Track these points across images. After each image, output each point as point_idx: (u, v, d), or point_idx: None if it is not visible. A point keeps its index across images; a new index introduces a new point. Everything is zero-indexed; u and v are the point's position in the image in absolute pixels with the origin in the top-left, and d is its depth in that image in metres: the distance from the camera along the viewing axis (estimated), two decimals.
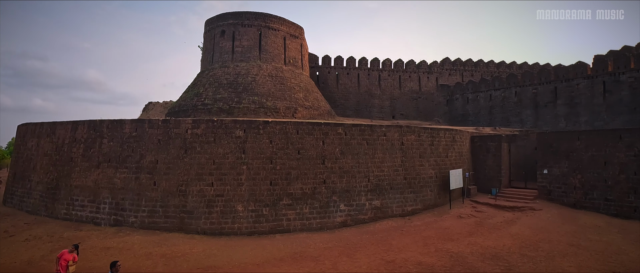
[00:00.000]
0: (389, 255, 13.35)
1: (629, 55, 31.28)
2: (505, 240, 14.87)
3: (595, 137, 19.95)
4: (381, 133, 19.67)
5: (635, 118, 29.42)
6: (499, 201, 21.50)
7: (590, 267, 11.95)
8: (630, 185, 18.14)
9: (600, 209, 18.96)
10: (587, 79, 32.76)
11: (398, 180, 19.76)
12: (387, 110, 43.81)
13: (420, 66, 45.49)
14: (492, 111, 39.82)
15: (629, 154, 18.36)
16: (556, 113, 34.46)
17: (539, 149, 22.16)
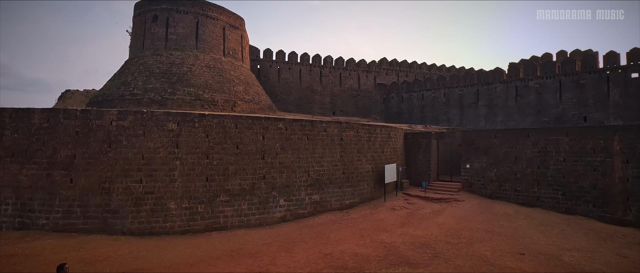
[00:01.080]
0: (327, 248, 13.63)
1: (535, 64, 35.60)
2: (433, 230, 16.05)
3: (508, 135, 22.42)
4: (321, 128, 19.94)
5: (539, 119, 33.62)
6: (428, 193, 23.14)
7: (502, 250, 13.43)
8: (535, 178, 20.73)
9: (510, 199, 21.39)
10: (503, 84, 36.63)
11: (337, 175, 20.23)
12: (327, 106, 44.59)
13: (360, 64, 47.00)
14: (424, 110, 42.66)
15: (534, 151, 20.95)
16: (478, 113, 38.03)
17: (463, 146, 24.26)
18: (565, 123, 31.67)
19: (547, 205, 20.06)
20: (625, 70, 29.91)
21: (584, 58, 32.93)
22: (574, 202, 19.35)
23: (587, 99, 31.44)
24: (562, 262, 12.40)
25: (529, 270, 11.53)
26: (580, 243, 14.70)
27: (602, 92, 30.69)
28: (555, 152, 20.25)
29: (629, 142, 18.05)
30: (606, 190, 18.45)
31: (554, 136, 20.53)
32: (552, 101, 33.22)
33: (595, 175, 18.87)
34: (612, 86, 30.28)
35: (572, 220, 18.05)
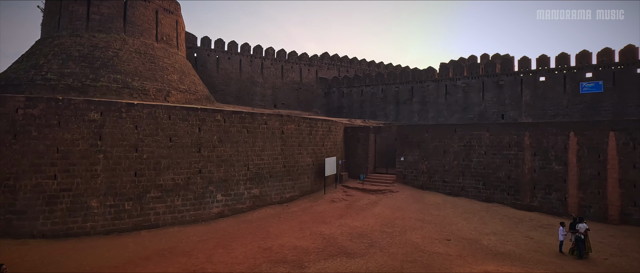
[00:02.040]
0: (266, 242, 13.45)
1: (463, 65, 38.69)
2: (369, 220, 16.70)
3: (438, 130, 24.11)
4: (262, 121, 19.55)
5: (465, 116, 36.70)
6: (366, 185, 24.02)
7: (431, 237, 14.44)
8: (460, 169, 22.60)
9: (439, 189, 23.08)
10: (435, 82, 39.26)
11: (278, 168, 20.04)
12: (269, 99, 43.92)
13: (302, 58, 46.97)
14: (363, 105, 44.10)
15: (460, 145, 22.82)
16: (412, 109, 40.34)
17: (398, 140, 25.56)
18: (487, 119, 34.97)
19: (470, 194, 22.01)
20: (535, 74, 33.84)
21: (503, 62, 36.57)
22: (492, 191, 21.49)
23: (504, 98, 35.01)
24: (482, 245, 13.70)
25: (454, 254, 12.53)
26: (496, 227, 16.38)
27: (517, 93, 34.42)
28: (478, 146, 22.25)
29: (537, 137, 20.49)
30: (518, 179, 20.78)
31: (477, 131, 22.53)
32: (476, 100, 36.43)
33: (509, 167, 21.13)
34: (524, 87, 34.09)
35: (491, 207, 20.04)
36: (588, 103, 31.09)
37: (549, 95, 32.85)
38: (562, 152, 19.71)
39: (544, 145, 20.25)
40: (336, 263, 11.46)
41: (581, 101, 31.42)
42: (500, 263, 11.72)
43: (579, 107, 31.45)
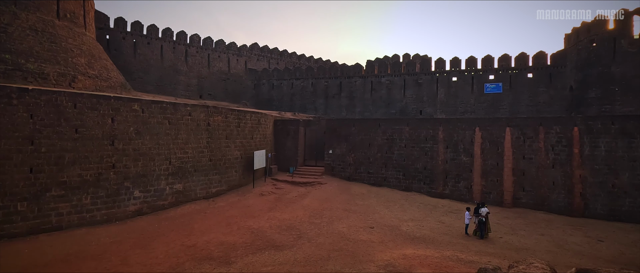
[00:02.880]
0: (190, 239, 12.79)
1: (387, 63, 41.03)
2: (298, 212, 16.88)
3: (364, 124, 25.28)
4: (186, 112, 18.42)
5: (389, 111, 39.06)
6: (295, 178, 24.19)
7: (356, 226, 15.15)
8: (383, 161, 24.04)
9: (365, 180, 24.28)
10: (362, 78, 41.01)
11: (203, 162, 19.12)
12: (194, 89, 41.52)
13: (230, 47, 45.24)
14: (293, 98, 44.20)
15: (384, 138, 24.24)
16: (340, 104, 41.63)
17: (327, 133, 26.20)
18: (407, 115, 37.65)
19: (392, 184, 23.56)
20: (448, 74, 37.33)
21: (422, 62, 39.63)
22: (411, 181, 23.27)
23: (423, 96, 38.03)
24: (401, 231, 14.79)
25: (376, 240, 13.32)
26: (414, 214, 17.81)
27: (433, 91, 37.63)
28: (399, 139, 23.86)
29: (449, 132, 22.69)
30: (433, 170, 22.83)
31: (399, 125, 24.14)
32: (398, 96, 38.97)
33: (426, 158, 23.08)
34: (439, 86, 37.42)
35: (409, 196, 21.70)
36: (490, 102, 35.33)
37: (459, 94, 36.54)
38: (469, 145, 22.13)
39: (455, 139, 22.51)
40: (264, 257, 11.38)
41: (485, 100, 35.57)
42: (417, 246, 12.78)
43: (483, 105, 35.57)
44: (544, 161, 20.47)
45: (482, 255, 12.06)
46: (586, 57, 29.81)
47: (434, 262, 10.85)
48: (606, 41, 28.41)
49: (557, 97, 33.03)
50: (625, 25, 27.82)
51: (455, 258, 11.39)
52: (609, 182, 19.08)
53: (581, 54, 30.38)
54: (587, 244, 14.88)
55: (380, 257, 11.41)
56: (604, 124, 19.55)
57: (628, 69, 27.41)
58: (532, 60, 34.33)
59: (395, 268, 10.35)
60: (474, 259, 11.33)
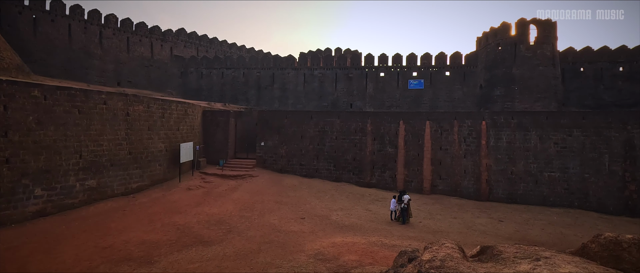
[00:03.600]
0: (106, 240, 11.69)
1: (320, 56, 41.64)
2: (228, 206, 16.43)
3: (297, 116, 25.42)
4: (100, 100, 16.63)
5: (321, 104, 39.78)
6: (225, 171, 23.45)
7: (288, 217, 15.26)
8: (315, 153, 24.50)
9: (297, 172, 24.51)
10: (295, 70, 41.04)
11: (121, 155, 17.51)
12: (111, 75, 37.58)
13: (154, 31, 41.78)
14: (224, 88, 42.57)
15: (316, 130, 24.67)
16: (273, 95, 41.22)
17: (259, 125, 25.80)
18: (339, 108, 38.74)
19: (323, 175, 24.15)
20: (377, 70, 39.19)
21: (353, 56, 40.98)
22: (341, 172, 24.09)
23: (353, 89, 39.42)
24: (331, 220, 15.28)
25: (307, 230, 13.57)
26: (343, 203, 18.51)
27: (363, 85, 39.22)
28: (330, 132, 24.49)
29: (376, 125, 23.91)
30: (361, 160, 23.90)
31: (330, 118, 24.74)
32: (330, 89, 39.86)
33: (355, 150, 24.05)
34: (368, 81, 39.12)
35: (339, 186, 22.47)
36: (413, 97, 37.99)
37: (386, 89, 38.64)
38: (394, 137, 23.59)
39: (382, 131, 23.82)
40: (191, 253, 10.88)
41: (409, 95, 38.14)
42: (345, 234, 13.33)
43: (407, 100, 38.11)
44: (457, 151, 22.71)
45: (404, 239, 13.03)
46: (493, 59, 33.60)
47: (361, 248, 11.42)
48: (509, 46, 32.32)
49: (469, 94, 36.74)
50: (524, 33, 31.92)
51: (380, 244, 12.12)
52: (508, 170, 21.90)
53: (489, 56, 34.15)
54: (490, 224, 16.96)
55: (310, 246, 11.65)
56: (506, 119, 22.32)
57: (525, 71, 31.57)
58: (450, 59, 37.64)
59: (324, 256, 10.67)
60: (397, 243, 12.19)
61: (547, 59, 31.61)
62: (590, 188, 20.61)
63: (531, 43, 31.73)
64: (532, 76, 31.35)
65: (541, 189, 21.28)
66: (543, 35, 31.66)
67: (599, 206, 20.25)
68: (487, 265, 3.36)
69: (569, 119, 21.44)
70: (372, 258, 10.24)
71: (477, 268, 3.20)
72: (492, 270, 3.09)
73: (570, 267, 2.78)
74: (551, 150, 21.29)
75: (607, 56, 34.05)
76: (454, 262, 3.32)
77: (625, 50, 33.84)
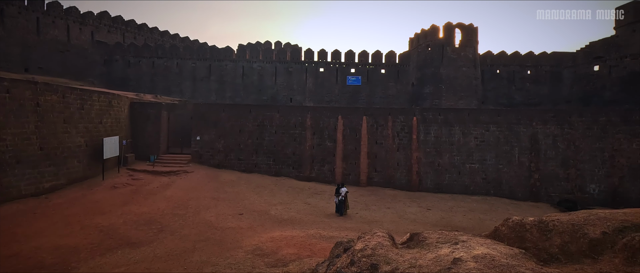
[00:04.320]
0: (11, 247, 10.27)
1: (259, 49, 40.86)
2: (160, 204, 15.45)
3: (235, 110, 24.70)
4: (2, 88, 14.46)
5: (260, 97, 39.11)
6: (157, 167, 21.98)
7: (225, 213, 14.82)
8: (254, 147, 24.06)
9: (235, 167, 23.87)
10: (233, 62, 39.74)
11: (30, 151, 15.46)
12: (16, 60, 32.81)
13: (71, 12, 37.31)
14: (155, 78, 39.71)
15: (255, 124, 24.21)
16: (209, 87, 39.50)
17: (194, 119, 24.58)
18: (278, 102, 38.44)
19: (263, 170, 23.84)
20: (316, 65, 39.60)
21: (293, 51, 40.90)
22: (280, 166, 24.00)
23: (293, 84, 39.38)
24: (270, 215, 15.17)
25: (245, 226, 13.32)
26: (283, 198, 18.49)
27: (302, 80, 39.37)
28: (270, 126, 24.22)
29: (315, 119, 24.21)
30: (301, 155, 24.05)
31: (269, 112, 24.46)
32: (270, 83, 39.36)
33: (295, 144, 24.12)
34: (308, 76, 39.38)
35: (279, 180, 22.39)
36: (351, 93, 39.14)
37: (326, 84, 39.26)
38: (333, 132, 24.10)
39: (321, 126, 24.18)
40: (116, 257, 10.04)
41: (347, 91, 39.20)
42: (284, 228, 13.34)
43: (345, 96, 39.14)
44: (391, 145, 23.95)
45: (341, 230, 13.43)
46: (424, 59, 35.92)
47: (299, 241, 11.53)
48: (437, 47, 34.80)
49: (402, 91, 38.90)
50: (450, 36, 34.59)
51: (318, 236, 12.35)
52: (436, 162, 23.69)
53: (420, 56, 36.44)
54: (419, 213, 18.23)
55: (248, 242, 11.46)
56: (434, 115, 24.06)
57: (451, 71, 34.28)
58: (385, 58, 39.42)
59: (263, 251, 10.57)
60: (334, 234, 12.52)
61: (469, 61, 34.67)
62: (504, 177, 23.17)
63: (456, 46, 34.52)
64: (457, 76, 34.17)
65: (463, 179, 23.39)
66: (466, 39, 34.61)
67: (511, 193, 22.88)
68: (413, 251, 3.60)
69: (487, 116, 23.81)
70: (311, 251, 10.39)
71: (404, 254, 3.41)
72: (417, 255, 3.31)
73: (482, 249, 3.09)
74: (472, 144, 23.48)
75: (518, 60, 38.39)
76: (384, 250, 3.50)
77: (532, 55, 38.45)
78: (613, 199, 21.20)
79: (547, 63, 37.88)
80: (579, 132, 22.26)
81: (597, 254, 4.63)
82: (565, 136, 22.49)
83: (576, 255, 4.77)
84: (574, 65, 35.68)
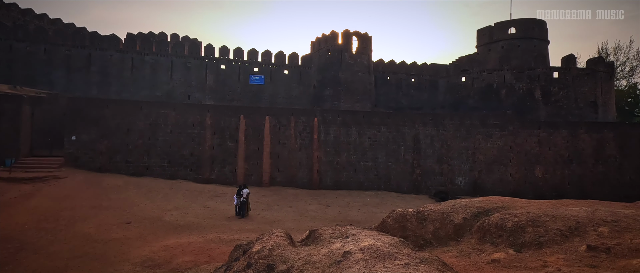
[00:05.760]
0: None
1: (152, 40, 37.27)
2: (19, 217, 12.87)
3: (122, 106, 22.08)
4: None
5: (153, 93, 35.65)
6: (15, 173, 18.24)
7: (109, 223, 13.13)
8: (146, 148, 21.87)
9: (122, 171, 21.30)
10: (120, 53, 35.36)
11: None
12: None
13: None
14: (13, 66, 32.77)
15: (146, 123, 22.01)
16: (90, 80, 34.38)
17: (69, 115, 21.13)
18: (175, 99, 35.60)
19: (156, 173, 21.81)
20: (218, 61, 37.96)
21: (192, 45, 38.44)
22: (177, 168, 22.32)
23: (191, 80, 36.98)
24: (164, 222, 13.99)
25: (134, 236, 12.02)
26: (179, 202, 17.24)
27: (202, 76, 37.29)
28: (165, 125, 22.32)
29: (216, 118, 23.22)
30: (200, 156, 22.77)
31: (164, 110, 22.54)
32: (165, 78, 36.21)
33: (193, 144, 22.71)
34: (209, 72, 37.48)
35: (175, 183, 20.79)
36: (254, 92, 38.64)
37: (228, 82, 37.94)
38: (235, 131, 23.45)
39: (222, 125, 23.29)
40: None
41: (250, 90, 38.56)
42: (180, 235, 12.46)
43: (248, 95, 38.44)
44: (293, 145, 24.45)
45: (242, 233, 13.17)
46: (324, 62, 37.60)
47: (197, 247, 10.92)
48: (337, 52, 36.81)
49: (305, 92, 40.03)
50: (348, 42, 36.94)
51: (217, 240, 11.88)
52: (335, 161, 25.03)
53: (321, 59, 38.04)
54: (320, 210, 19.03)
55: (137, 253, 10.37)
56: (333, 116, 25.39)
57: (348, 75, 36.64)
58: (288, 59, 40.00)
59: (154, 262, 9.70)
60: (235, 237, 12.21)
61: (364, 67, 37.60)
62: (392, 173, 25.77)
63: (353, 52, 37.07)
64: (354, 81, 36.71)
65: (358, 176, 25.26)
66: (362, 46, 37.44)
67: (398, 188, 25.57)
68: (309, 247, 3.76)
69: (379, 118, 26.16)
70: (209, 256, 9.95)
71: (300, 252, 3.54)
72: (312, 251, 3.48)
73: (369, 240, 3.41)
74: (366, 144, 25.51)
75: (405, 69, 43.15)
76: (281, 249, 3.57)
77: (415, 66, 43.65)
78: (474, 189, 25.49)
79: (427, 73, 43.44)
80: (450, 133, 26.14)
81: (460, 236, 5.54)
82: (440, 137, 26.15)
83: (445, 238, 5.63)
84: (447, 76, 41.72)
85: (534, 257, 4.20)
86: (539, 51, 39.14)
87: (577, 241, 4.40)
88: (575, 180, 25.85)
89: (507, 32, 39.97)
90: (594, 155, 26.02)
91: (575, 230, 4.62)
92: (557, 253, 4.17)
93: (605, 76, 35.28)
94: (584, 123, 28.54)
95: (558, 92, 33.59)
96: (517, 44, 39.34)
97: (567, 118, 31.82)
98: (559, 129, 26.46)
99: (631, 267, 3.50)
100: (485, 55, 37.97)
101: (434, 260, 3.03)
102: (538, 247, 4.39)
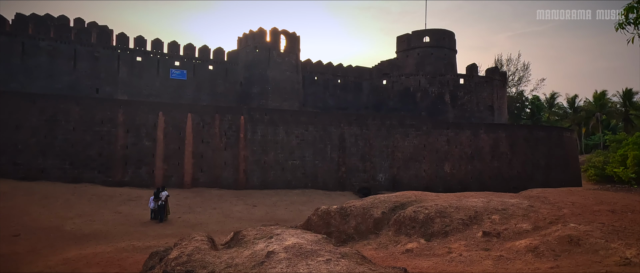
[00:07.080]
0: None
1: (50, 23, 32.46)
2: None
3: (8, 99, 18.83)
4: None
5: (52, 85, 31.09)
6: None
7: None
8: (41, 148, 18.99)
9: (9, 175, 18.19)
10: (8, 37, 30.12)
11: None
12: None
13: None
14: None
15: (42, 119, 19.14)
16: None
17: None
18: (80, 92, 31.50)
19: (54, 177, 19.07)
20: (132, 53, 34.62)
21: (100, 33, 34.38)
22: (81, 170, 19.80)
23: (100, 72, 33.10)
24: (64, 232, 12.29)
25: (24, 250, 10.33)
26: (83, 209, 15.31)
27: (114, 68, 33.64)
28: (66, 121, 19.63)
29: (130, 115, 21.15)
30: (110, 156, 20.52)
31: (65, 104, 19.83)
32: (67, 68, 31.82)
33: (102, 144, 20.37)
34: (121, 64, 33.95)
35: (78, 188, 18.42)
36: (175, 88, 36.11)
37: (144, 75, 34.81)
38: (152, 129, 21.63)
39: (137, 123, 21.30)
40: None
41: (170, 85, 35.93)
42: (85, 245, 11.07)
43: (169, 90, 35.77)
44: (218, 144, 23.44)
45: (160, 239, 12.20)
46: (252, 60, 36.77)
47: (105, 258, 9.80)
48: (265, 50, 36.27)
49: (231, 90, 38.66)
50: (276, 41, 36.66)
51: (130, 248, 10.82)
52: (262, 160, 24.65)
53: (248, 56, 37.13)
54: (246, 210, 18.55)
55: (28, 270, 8.92)
56: (261, 115, 24.97)
57: (277, 74, 36.37)
58: (213, 54, 38.21)
59: None
60: (151, 244, 11.24)
61: (292, 66, 37.69)
62: (319, 171, 26.29)
63: (282, 51, 36.92)
64: (282, 79, 36.58)
65: (286, 175, 25.25)
66: (290, 46, 37.47)
67: (325, 185, 26.17)
68: (231, 250, 3.60)
69: (306, 118, 26.46)
70: (120, 267, 8.99)
71: (222, 255, 3.37)
72: (234, 254, 3.33)
73: (293, 239, 3.38)
74: (294, 142, 25.61)
75: (332, 70, 44.33)
76: (201, 254, 3.36)
77: (341, 67, 45.14)
78: (393, 184, 27.29)
79: (352, 75, 45.24)
80: (373, 132, 27.60)
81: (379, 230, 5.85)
82: (364, 136, 27.46)
83: (365, 233, 5.89)
84: (371, 78, 43.99)
85: (441, 245, 4.63)
86: (448, 59, 43.50)
87: (475, 228, 4.97)
88: (477, 174, 29.30)
89: (423, 41, 43.60)
90: (491, 152, 29.80)
91: (474, 219, 5.22)
92: (459, 240, 4.66)
93: (500, 84, 40.71)
94: (483, 124, 32.51)
95: (463, 96, 37.74)
96: (430, 52, 43.16)
97: (470, 120, 35.91)
98: (463, 130, 29.72)
99: (515, 247, 4.12)
100: (404, 60, 40.93)
101: (354, 254, 3.13)
102: (444, 236, 4.86)
